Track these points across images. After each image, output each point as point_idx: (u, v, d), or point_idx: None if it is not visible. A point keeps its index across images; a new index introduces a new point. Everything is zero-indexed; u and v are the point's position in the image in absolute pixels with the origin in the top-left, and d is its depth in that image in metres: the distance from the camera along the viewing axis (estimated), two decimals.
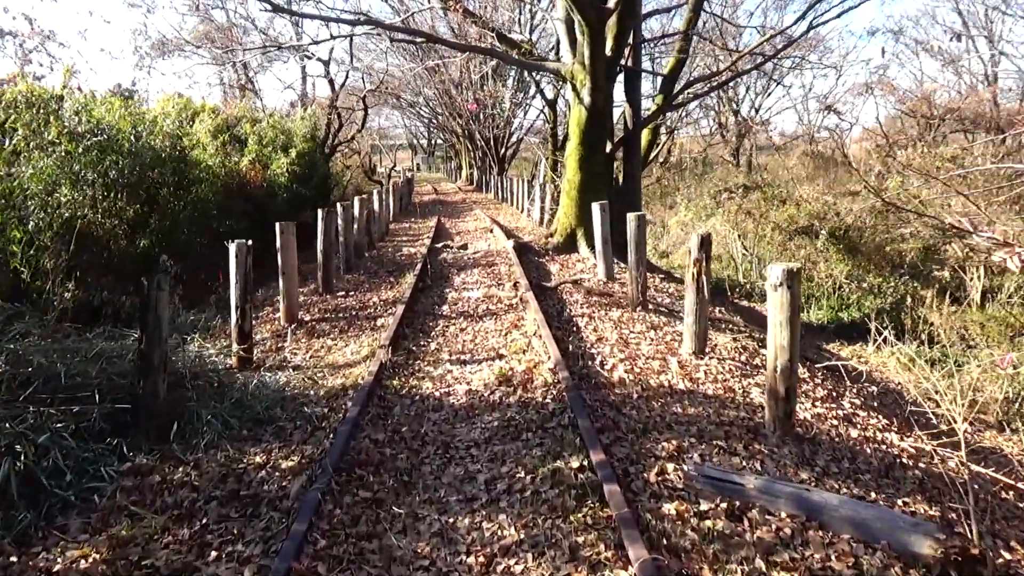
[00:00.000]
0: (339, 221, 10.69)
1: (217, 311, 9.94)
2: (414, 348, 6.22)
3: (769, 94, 32.92)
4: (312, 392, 5.11)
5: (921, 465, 4.17)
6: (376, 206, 15.41)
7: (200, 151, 13.14)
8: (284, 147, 17.17)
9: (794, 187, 16.91)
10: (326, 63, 25.69)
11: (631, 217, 7.60)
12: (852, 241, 13.95)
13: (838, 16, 12.27)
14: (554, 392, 4.80)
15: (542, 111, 30.37)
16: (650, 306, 7.69)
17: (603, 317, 7.13)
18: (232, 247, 5.71)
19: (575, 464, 3.70)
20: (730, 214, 15.21)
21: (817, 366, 6.59)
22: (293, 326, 7.36)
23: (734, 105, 32.31)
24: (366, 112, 26.19)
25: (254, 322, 7.88)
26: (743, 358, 6.11)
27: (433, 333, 6.83)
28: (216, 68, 31.20)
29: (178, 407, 4.25)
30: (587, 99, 10.60)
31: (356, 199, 12.43)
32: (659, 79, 13.21)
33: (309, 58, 27.26)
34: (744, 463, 3.80)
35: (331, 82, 25.39)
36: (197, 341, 5.84)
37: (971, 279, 11.95)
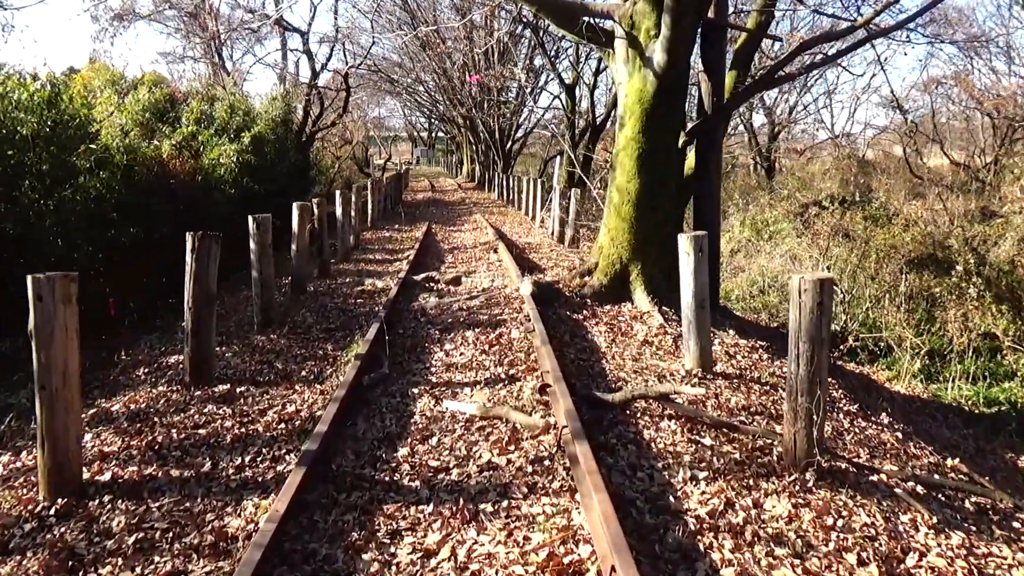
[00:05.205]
0: (252, 246, 6.61)
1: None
2: None
3: (810, 88, 28.56)
4: None
5: None
6: (340, 212, 11.31)
7: (105, 129, 9.46)
8: (238, 130, 13.46)
9: (893, 202, 12.85)
10: (304, 33, 21.54)
11: (807, 282, 3.51)
12: (1006, 282, 9.85)
13: None
14: None
15: (557, 97, 26.25)
16: (824, 462, 3.62)
17: (756, 524, 3.04)
18: None
19: None
20: (820, 237, 11.14)
21: None
22: (55, 509, 3.28)
23: (766, 102, 28.04)
24: (348, 92, 22.01)
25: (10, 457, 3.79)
26: None
27: None
28: (187, 43, 27.15)
29: None
30: (659, 58, 6.48)
31: (296, 206, 8.30)
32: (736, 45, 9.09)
33: (288, 29, 23.09)
34: None
35: (309, 54, 21.22)
36: None
37: None
